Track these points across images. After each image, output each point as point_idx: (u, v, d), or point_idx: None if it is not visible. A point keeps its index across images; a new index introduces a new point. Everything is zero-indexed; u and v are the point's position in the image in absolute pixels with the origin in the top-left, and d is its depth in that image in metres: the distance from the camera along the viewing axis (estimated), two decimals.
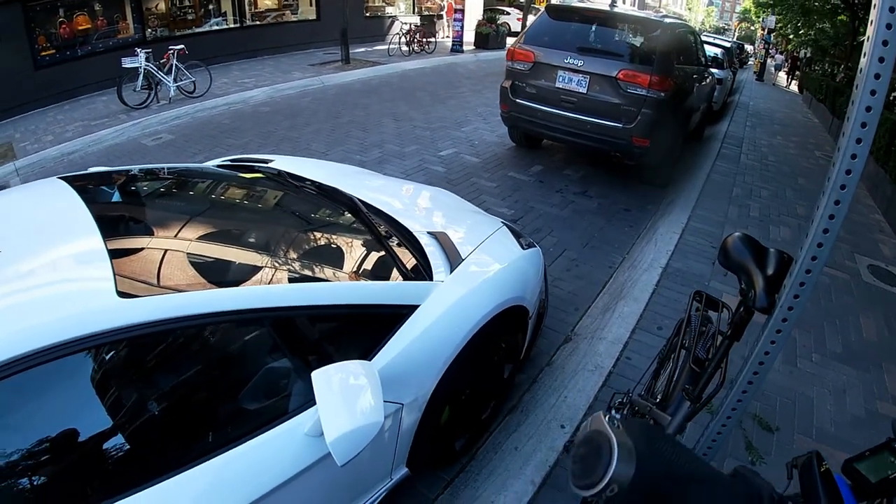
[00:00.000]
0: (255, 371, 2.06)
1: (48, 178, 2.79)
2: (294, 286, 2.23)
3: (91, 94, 12.71)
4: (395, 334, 2.36)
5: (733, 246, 1.86)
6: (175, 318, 1.81)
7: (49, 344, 1.57)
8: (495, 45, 20.38)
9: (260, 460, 1.90)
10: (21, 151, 9.30)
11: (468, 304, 2.67)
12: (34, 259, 1.96)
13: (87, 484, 1.69)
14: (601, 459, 0.88)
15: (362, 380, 1.86)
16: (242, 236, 2.67)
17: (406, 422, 2.37)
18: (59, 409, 1.69)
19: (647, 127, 6.42)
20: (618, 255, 5.40)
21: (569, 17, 7.24)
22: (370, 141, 8.68)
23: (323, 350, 2.19)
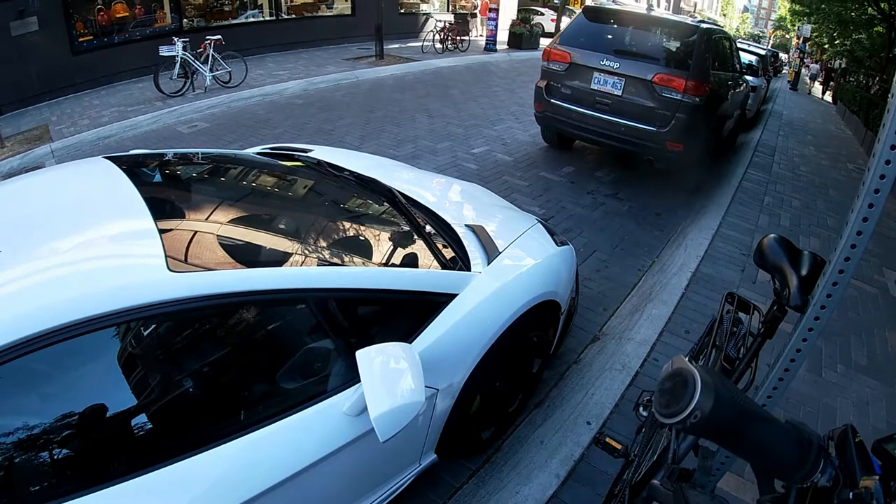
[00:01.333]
0: (297, 349, 2.13)
1: (92, 157, 2.88)
2: (338, 269, 2.28)
3: (127, 80, 12.87)
4: (434, 321, 2.42)
5: (769, 246, 1.89)
6: (223, 294, 1.87)
7: (103, 312, 1.64)
8: (528, 45, 20.33)
9: (299, 436, 1.96)
10: (57, 134, 9.46)
11: (504, 296, 2.72)
12: (87, 232, 2.04)
13: (140, 447, 1.77)
14: (686, 391, 0.99)
15: (405, 361, 1.92)
16: (285, 220, 2.73)
17: (439, 407, 2.42)
18: (109, 375, 1.76)
19: (681, 132, 6.40)
20: (647, 259, 5.40)
21: (606, 20, 7.24)
22: (403, 136, 8.73)
23: (364, 333, 2.25)
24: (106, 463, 1.71)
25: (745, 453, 1.10)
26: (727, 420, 1.02)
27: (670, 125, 6.42)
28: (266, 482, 1.86)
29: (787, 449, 1.06)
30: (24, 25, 10.95)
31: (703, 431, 1.03)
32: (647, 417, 2.24)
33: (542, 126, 7.95)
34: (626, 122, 6.69)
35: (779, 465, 1.09)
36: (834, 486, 1.07)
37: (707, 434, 1.06)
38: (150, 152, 3.16)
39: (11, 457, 1.58)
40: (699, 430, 1.01)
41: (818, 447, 1.07)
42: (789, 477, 1.09)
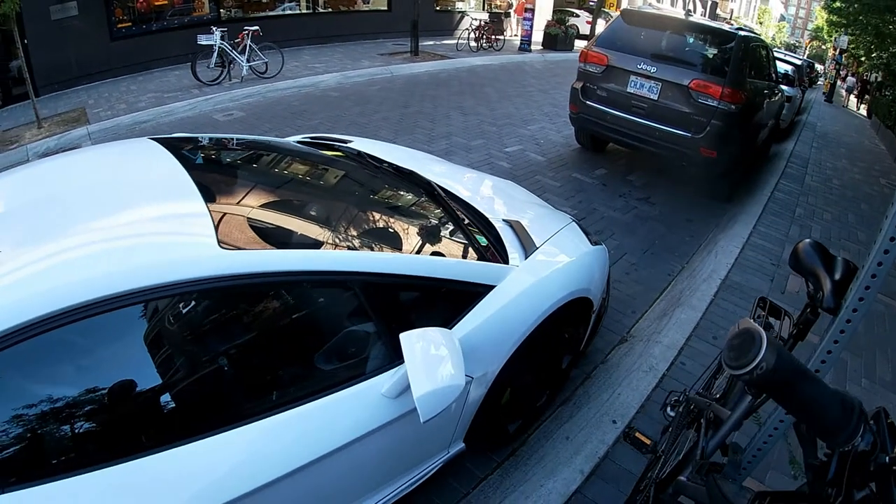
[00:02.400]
0: (339, 330, 2.19)
1: (139, 137, 2.96)
2: (383, 254, 2.34)
3: (164, 68, 13.05)
4: (472, 310, 2.47)
5: (804, 251, 1.93)
6: (271, 273, 1.93)
7: (158, 283, 1.72)
8: (563, 46, 20.27)
9: (339, 414, 2.02)
10: (94, 117, 9.61)
11: (540, 291, 2.76)
12: (139, 208, 2.12)
13: (185, 415, 1.85)
14: (753, 347, 1.12)
15: (446, 346, 1.97)
16: (328, 206, 2.80)
17: (472, 396, 2.47)
18: (158, 345, 1.83)
19: (716, 138, 6.37)
20: (677, 264, 5.40)
21: (644, 23, 7.22)
22: (437, 132, 8.78)
23: (405, 318, 2.29)
24: (160, 427, 1.79)
25: (798, 411, 1.21)
26: (786, 376, 1.14)
27: (705, 131, 6.40)
28: (305, 457, 1.92)
29: (833, 409, 1.16)
30: (64, 10, 11.13)
31: (765, 385, 1.16)
32: (675, 417, 2.27)
33: (577, 127, 7.94)
34: (661, 127, 6.67)
35: (825, 424, 1.18)
36: (871, 451, 1.17)
37: (768, 388, 1.18)
38: (194, 136, 3.23)
39: (72, 414, 1.66)
40: (762, 383, 1.14)
41: (860, 411, 1.17)
42: (834, 437, 1.18)
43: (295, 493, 2.01)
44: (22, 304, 1.57)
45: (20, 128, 9.64)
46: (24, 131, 9.38)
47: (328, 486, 2.14)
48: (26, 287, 1.64)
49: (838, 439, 1.17)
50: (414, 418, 2.14)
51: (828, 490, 1.22)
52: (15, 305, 1.56)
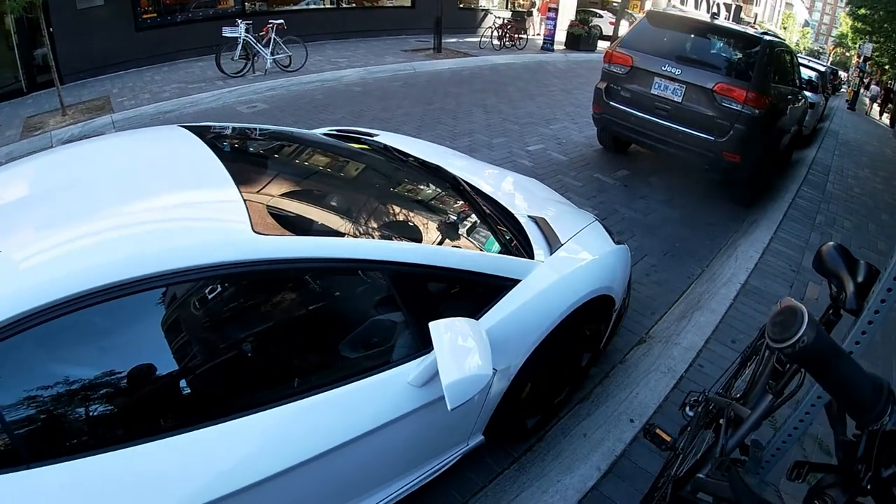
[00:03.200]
0: (368, 318, 2.23)
1: (169, 125, 3.01)
2: (413, 245, 2.37)
3: (188, 59, 13.15)
4: (498, 303, 2.50)
5: (828, 253, 1.96)
6: (304, 259, 1.98)
7: (194, 265, 1.77)
8: (586, 46, 20.20)
9: (365, 400, 2.06)
10: (118, 106, 9.71)
11: (564, 286, 2.78)
12: (175, 192, 2.18)
13: (216, 395, 1.91)
14: (795, 321, 1.22)
15: (474, 335, 2.00)
16: (357, 197, 2.84)
17: (495, 388, 2.50)
18: (190, 326, 1.89)
19: (739, 143, 6.35)
20: (697, 267, 5.39)
21: (669, 25, 7.19)
22: (460, 129, 8.80)
23: (432, 308, 2.32)
24: (188, 407, 1.86)
25: (832, 387, 1.32)
26: (823, 352, 1.25)
27: (728, 135, 6.37)
28: (330, 443, 1.96)
29: (865, 388, 1.26)
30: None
31: (804, 359, 1.27)
32: (693, 417, 2.29)
33: (600, 128, 7.94)
34: (684, 130, 6.65)
35: (857, 401, 1.28)
36: None
37: (806, 362, 1.29)
38: (223, 124, 3.28)
39: (106, 390, 1.72)
40: (802, 357, 1.25)
41: (889, 392, 1.27)
42: (864, 415, 1.28)
43: (318, 479, 2.05)
44: (61, 280, 1.62)
45: (44, 114, 9.76)
46: (49, 118, 9.50)
47: (351, 473, 2.17)
48: (67, 264, 1.69)
49: (868, 417, 1.26)
50: (438, 408, 2.18)
51: (857, 466, 1.30)
52: (55, 282, 1.62)
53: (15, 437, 1.58)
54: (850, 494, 1.33)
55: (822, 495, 1.37)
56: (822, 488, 1.37)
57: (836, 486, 1.39)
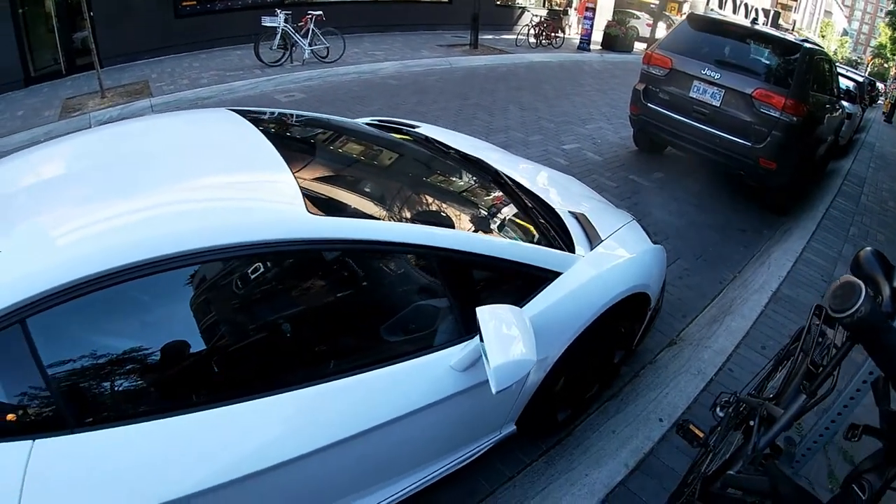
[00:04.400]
0: (413, 301, 2.29)
1: (217, 108, 3.09)
2: (462, 232, 2.42)
3: (226, 47, 13.31)
4: (539, 294, 2.54)
5: (865, 258, 2.00)
6: (355, 240, 2.04)
7: (250, 241, 1.85)
8: (622, 47, 20.04)
9: (409, 382, 2.12)
10: (157, 90, 9.88)
11: (604, 282, 2.81)
12: (232, 171, 2.28)
13: (264, 367, 1.98)
14: (854, 294, 1.42)
15: (519, 322, 2.04)
16: (404, 184, 2.92)
17: (531, 378, 2.53)
18: (246, 298, 1.99)
19: (776, 150, 6.29)
20: (729, 273, 5.38)
21: (709, 29, 7.15)
22: (495, 125, 8.82)
23: (477, 295, 2.38)
24: (234, 378, 1.94)
25: (882, 358, 1.50)
26: (877, 323, 1.44)
27: (765, 142, 6.32)
28: (375, 420, 2.02)
29: None
30: None
31: (860, 328, 1.45)
32: (723, 418, 2.31)
33: (636, 129, 7.91)
34: (722, 134, 6.60)
35: None
36: None
37: (862, 332, 1.48)
38: (269, 110, 3.35)
39: (163, 355, 1.81)
40: (858, 326, 1.44)
41: None
42: None
43: (359, 457, 2.11)
44: (127, 247, 1.71)
45: (83, 96, 9.96)
46: (88, 100, 9.69)
47: (388, 454, 2.23)
48: (134, 232, 1.78)
49: None
50: (476, 393, 2.24)
51: None
52: (122, 248, 1.70)
53: (62, 403, 1.65)
54: (891, 470, 1.49)
55: (859, 480, 1.47)
56: (860, 473, 1.47)
57: (872, 471, 1.52)
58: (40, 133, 8.30)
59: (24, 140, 7.93)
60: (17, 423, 1.62)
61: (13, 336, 1.60)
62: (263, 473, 1.83)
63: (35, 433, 1.61)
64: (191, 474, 1.73)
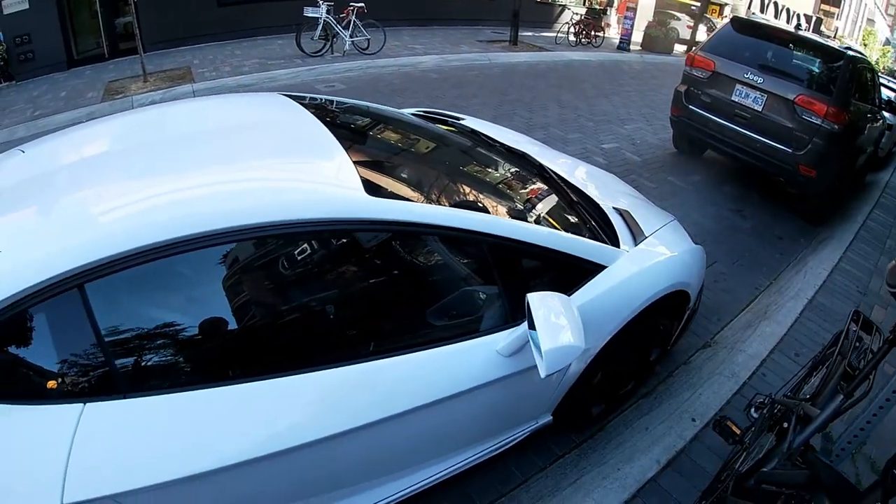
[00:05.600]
0: (462, 285, 2.35)
1: (270, 92, 3.17)
2: (514, 221, 2.45)
3: (267, 36, 13.48)
4: (584, 286, 2.58)
5: None
6: (412, 223, 2.11)
7: (313, 218, 1.93)
8: (662, 49, 19.84)
9: (454, 365, 2.18)
10: (199, 76, 10.06)
11: (647, 277, 2.85)
12: (294, 152, 2.38)
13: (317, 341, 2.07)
14: None
15: (568, 310, 2.08)
16: (455, 172, 2.99)
17: (572, 369, 2.58)
18: (300, 275, 2.08)
19: (816, 157, 6.22)
20: (765, 279, 5.35)
21: (753, 33, 7.07)
22: (535, 122, 8.83)
23: (525, 283, 2.42)
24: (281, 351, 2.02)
25: None
26: None
27: (806, 149, 6.25)
28: (420, 399, 2.09)
29: None
30: None
31: None
32: (758, 418, 2.34)
33: (677, 131, 7.86)
34: (762, 139, 6.54)
35: None
36: None
37: None
38: (320, 96, 3.43)
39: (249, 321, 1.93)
40: None
41: None
42: None
43: (400, 437, 2.18)
44: (200, 217, 1.80)
45: (126, 80, 10.17)
46: (130, 83, 9.90)
47: (428, 436, 2.30)
48: (195, 205, 1.88)
49: None
50: (519, 380, 2.30)
51: None
52: (191, 218, 1.79)
53: (115, 368, 1.72)
54: None
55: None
56: None
57: None
58: (83, 114, 8.49)
59: (67, 120, 8.13)
60: (69, 387, 1.69)
61: (71, 300, 1.66)
62: (307, 447, 1.89)
63: (87, 397, 1.67)
64: (237, 445, 1.80)
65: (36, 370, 1.68)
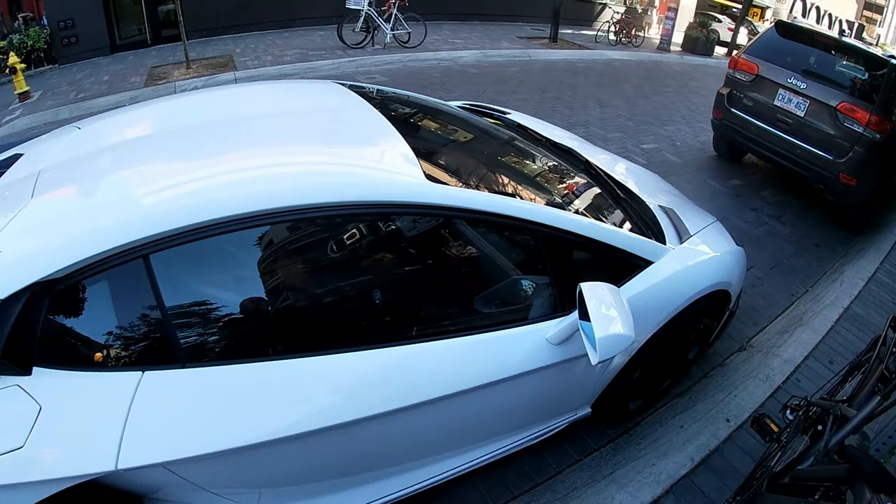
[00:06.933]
0: (514, 273, 2.41)
1: (324, 80, 3.25)
2: (568, 213, 2.51)
3: (307, 27, 13.68)
4: (632, 280, 2.63)
5: None
6: (473, 210, 2.18)
7: (379, 200, 2.02)
8: (702, 50, 19.59)
9: (505, 350, 2.25)
10: (241, 65, 10.23)
11: (692, 275, 2.88)
12: (358, 136, 2.46)
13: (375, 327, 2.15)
14: None
15: (619, 301, 2.13)
16: (507, 163, 3.06)
17: (615, 362, 2.64)
18: (360, 255, 2.17)
19: (857, 166, 6.14)
20: (801, 286, 5.33)
21: (797, 38, 6.99)
22: (575, 120, 8.83)
23: (575, 274, 2.47)
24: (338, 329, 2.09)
25: None
26: None
27: (847, 157, 6.17)
28: (473, 381, 2.16)
29: None
30: None
31: None
32: (793, 420, 2.38)
33: (718, 134, 7.80)
34: (803, 145, 6.47)
35: None
36: None
37: None
38: (371, 86, 3.51)
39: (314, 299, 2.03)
40: None
41: None
42: None
43: (448, 419, 2.26)
44: (268, 195, 1.88)
45: (168, 66, 10.40)
46: (173, 69, 10.12)
47: (475, 420, 2.37)
48: (256, 184, 1.96)
49: None
50: (565, 369, 2.37)
51: None
52: (254, 196, 1.87)
53: (176, 338, 1.80)
54: None
55: None
56: None
57: None
58: (126, 98, 8.69)
59: (110, 103, 8.31)
60: (129, 354, 1.77)
61: (136, 270, 1.74)
62: (358, 424, 1.97)
63: (145, 365, 1.76)
64: (289, 419, 1.87)
65: (97, 337, 1.75)
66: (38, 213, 1.87)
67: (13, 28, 12.01)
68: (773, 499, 1.98)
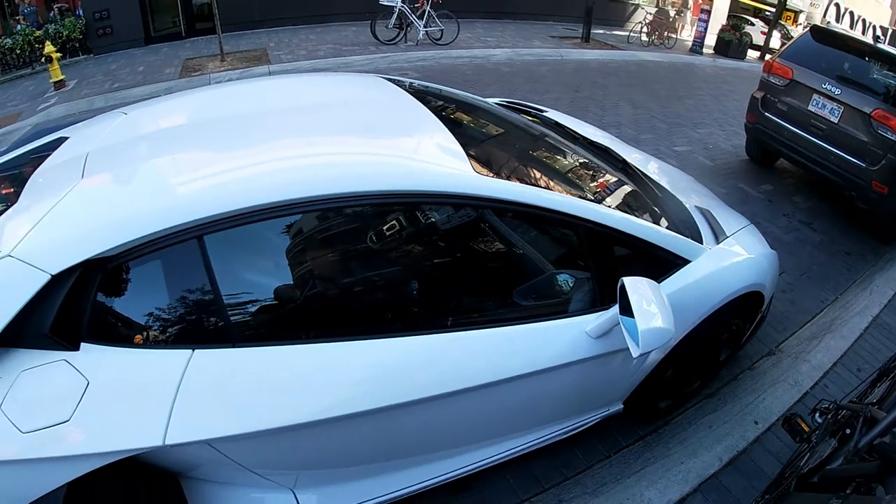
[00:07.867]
0: (557, 266, 2.46)
1: (369, 73, 3.32)
2: (611, 210, 2.55)
3: (340, 23, 13.79)
4: (670, 278, 2.67)
5: None
6: (519, 203, 2.23)
7: (430, 191, 2.08)
8: (735, 54, 19.40)
9: (545, 340, 2.30)
10: (275, 58, 10.36)
11: (727, 275, 2.91)
12: (408, 131, 2.53)
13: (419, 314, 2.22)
14: None
15: (660, 296, 2.18)
16: (549, 159, 3.10)
17: (650, 359, 2.68)
18: (408, 243, 2.22)
19: (890, 174, 6.05)
20: (831, 293, 5.31)
21: (832, 43, 6.93)
22: (607, 120, 8.82)
23: (615, 269, 2.50)
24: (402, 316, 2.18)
25: None
26: None
27: (880, 164, 6.10)
28: (513, 371, 2.21)
29: None
30: None
31: None
32: (822, 423, 2.41)
33: (750, 138, 7.75)
34: (836, 152, 6.41)
35: None
36: None
37: None
38: (412, 80, 3.57)
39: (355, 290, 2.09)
40: None
41: None
42: None
43: (486, 407, 2.31)
44: (329, 181, 1.95)
45: (203, 58, 10.57)
46: (207, 62, 10.28)
47: (510, 410, 2.42)
48: (307, 171, 2.02)
49: None
50: (601, 363, 2.42)
51: None
52: (307, 182, 1.93)
53: (228, 318, 1.85)
54: None
55: None
56: None
57: None
58: (161, 88, 8.84)
59: (145, 93, 8.46)
60: (180, 332, 1.82)
61: (191, 250, 1.79)
62: (399, 408, 2.02)
63: (196, 343, 1.80)
64: (333, 400, 1.92)
65: (147, 315, 1.81)
66: (90, 193, 1.92)
67: (48, 18, 12.26)
68: (802, 497, 2.01)
